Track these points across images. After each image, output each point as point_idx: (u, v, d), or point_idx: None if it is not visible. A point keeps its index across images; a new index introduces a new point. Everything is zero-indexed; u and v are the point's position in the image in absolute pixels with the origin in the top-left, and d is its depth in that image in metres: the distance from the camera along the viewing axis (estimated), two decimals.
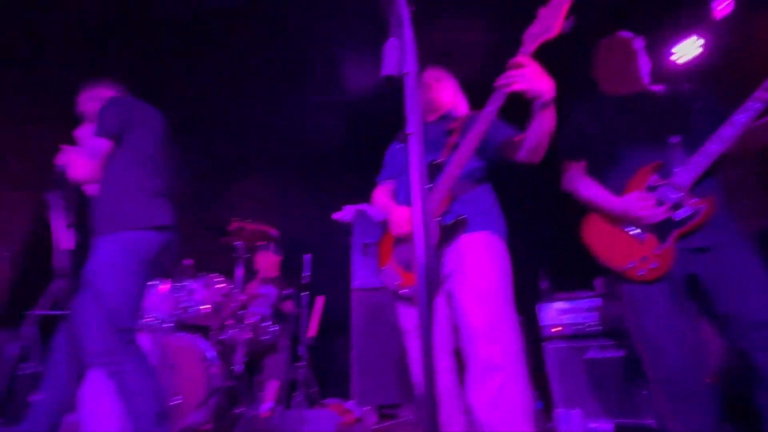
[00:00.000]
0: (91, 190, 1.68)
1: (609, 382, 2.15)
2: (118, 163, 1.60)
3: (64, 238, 1.24)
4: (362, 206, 3.34)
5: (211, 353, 2.62)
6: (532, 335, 2.48)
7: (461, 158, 1.38)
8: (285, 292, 3.32)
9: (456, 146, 1.49)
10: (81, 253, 1.43)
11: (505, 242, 1.52)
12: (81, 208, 1.55)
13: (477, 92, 1.69)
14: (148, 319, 2.50)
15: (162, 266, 1.68)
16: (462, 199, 1.50)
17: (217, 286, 2.66)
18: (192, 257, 2.71)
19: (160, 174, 1.69)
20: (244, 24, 2.82)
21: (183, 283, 2.62)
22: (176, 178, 1.77)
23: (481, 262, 1.41)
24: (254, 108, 3.61)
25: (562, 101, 1.31)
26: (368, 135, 3.70)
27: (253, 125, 3.80)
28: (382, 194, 1.76)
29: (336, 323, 3.73)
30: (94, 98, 1.77)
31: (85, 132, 1.72)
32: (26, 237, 3.14)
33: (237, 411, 2.69)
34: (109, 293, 1.46)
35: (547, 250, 3.02)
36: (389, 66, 0.66)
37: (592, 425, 2.06)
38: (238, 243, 2.70)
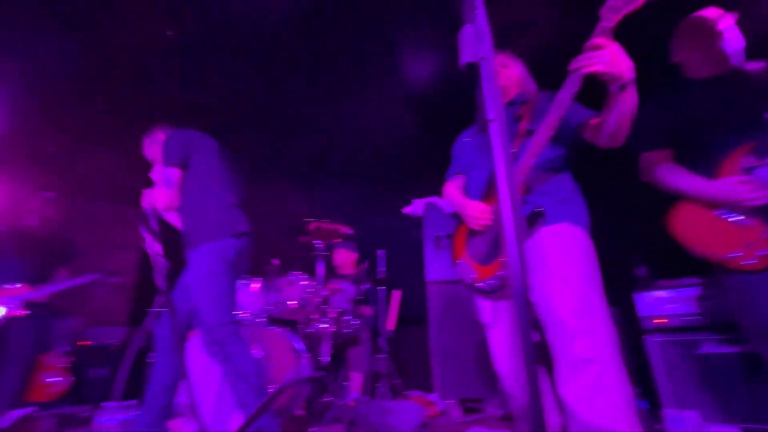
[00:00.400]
0: (171, 218, 1.94)
1: (728, 380, 1.88)
2: (192, 185, 1.85)
3: (158, 261, 1.49)
4: (431, 199, 3.31)
5: (300, 345, 2.81)
6: (630, 327, 2.26)
7: (536, 147, 1.31)
8: (362, 287, 3.45)
9: (527, 133, 1.43)
10: (174, 268, 1.67)
11: (588, 232, 1.42)
12: (167, 235, 1.80)
13: (548, 74, 1.59)
14: (243, 315, 2.77)
15: (244, 267, 1.91)
16: (538, 190, 1.43)
17: (301, 283, 2.84)
18: (278, 257, 2.93)
19: (229, 187, 1.92)
20: (313, 29, 2.94)
21: (272, 281, 2.85)
22: (240, 189, 1.99)
23: (562, 254, 1.34)
24: (324, 111, 3.76)
25: (640, 87, 1.20)
26: (434, 128, 3.67)
27: (324, 128, 3.97)
28: (453, 189, 1.73)
29: (413, 316, 3.77)
30: (154, 142, 2.06)
31: (156, 173, 2.00)
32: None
33: (326, 399, 2.87)
34: (209, 294, 1.71)
35: (646, 234, 2.73)
36: (468, 53, 0.64)
37: (714, 429, 1.82)
38: (316, 242, 2.85)
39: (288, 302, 2.78)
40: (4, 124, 4.08)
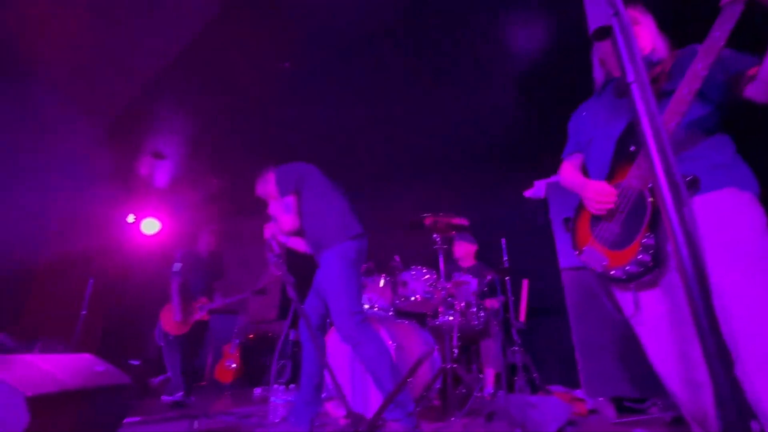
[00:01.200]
0: (293, 243, 2.28)
1: None
2: (309, 205, 2.18)
3: (287, 279, 1.77)
4: (556, 177, 3.03)
5: (430, 338, 2.89)
6: None
7: (679, 104, 1.09)
8: (486, 278, 3.36)
9: (664, 95, 1.20)
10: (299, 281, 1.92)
11: (757, 197, 1.14)
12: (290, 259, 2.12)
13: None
14: (374, 310, 2.96)
15: (363, 264, 2.20)
16: (686, 156, 1.21)
17: (425, 277, 2.91)
18: (399, 253, 3.05)
19: (339, 198, 2.23)
20: (415, 20, 2.97)
21: (396, 277, 2.98)
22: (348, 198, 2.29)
23: (728, 226, 1.11)
24: (431, 102, 3.77)
25: None
26: (546, 104, 3.36)
27: (432, 120, 3.98)
28: (570, 169, 1.56)
29: (544, 306, 3.52)
30: (266, 182, 2.37)
31: (272, 208, 2.32)
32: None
33: (461, 391, 2.88)
34: (338, 290, 2.00)
35: None
36: (596, 18, 0.57)
37: None
38: (435, 235, 2.88)
39: (413, 296, 2.88)
40: (182, 170, 5.19)
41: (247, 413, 2.76)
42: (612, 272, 1.27)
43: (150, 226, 5.42)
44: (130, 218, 5.35)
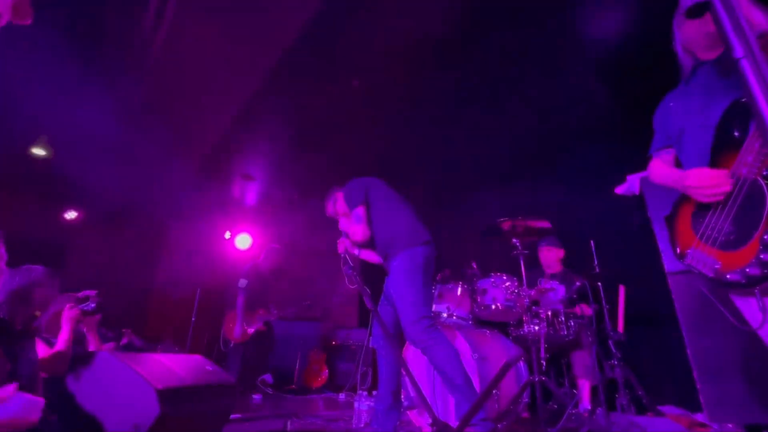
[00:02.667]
0: (365, 255, 2.36)
1: None
2: (378, 214, 2.23)
3: (363, 291, 1.89)
4: None
5: (514, 348, 2.75)
6: None
7: None
8: (574, 285, 3.11)
9: None
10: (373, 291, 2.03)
11: None
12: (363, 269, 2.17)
13: None
14: (452, 318, 2.90)
15: (436, 272, 2.21)
16: None
17: (505, 284, 2.79)
18: (478, 260, 2.97)
19: (406, 207, 2.28)
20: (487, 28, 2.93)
21: (474, 284, 2.90)
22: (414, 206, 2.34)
23: None
24: (507, 101, 3.65)
25: None
26: (631, 93, 3.05)
27: (510, 119, 3.85)
28: (661, 165, 1.40)
29: (647, 315, 3.14)
30: (334, 200, 2.48)
31: (342, 224, 2.41)
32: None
33: (552, 406, 2.68)
34: (407, 294, 2.01)
35: None
36: None
37: None
38: (515, 240, 2.76)
39: (493, 305, 2.77)
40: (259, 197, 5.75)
41: (333, 417, 2.89)
42: (728, 276, 1.11)
43: (243, 241, 6.01)
44: (227, 235, 6.00)
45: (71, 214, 5.25)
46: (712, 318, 2.23)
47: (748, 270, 1.06)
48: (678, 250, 1.27)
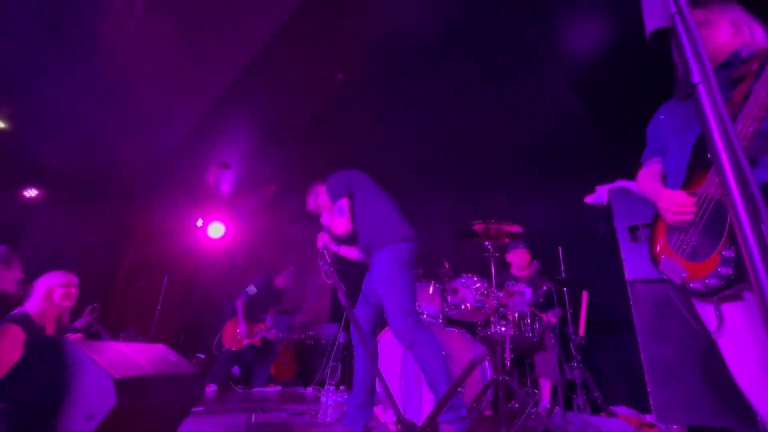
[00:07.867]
0: (344, 251, 2.31)
1: None
2: (361, 209, 2.19)
3: (339, 287, 1.83)
4: (620, 183, 2.83)
5: (480, 347, 2.81)
6: None
7: (756, 109, 1.01)
8: (541, 289, 3.21)
9: (747, 96, 1.09)
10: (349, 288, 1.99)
11: None
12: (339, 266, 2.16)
13: None
14: (422, 317, 2.94)
15: (415, 267, 2.17)
16: (765, 163, 1.10)
17: (476, 285, 2.85)
18: (450, 261, 3.01)
19: (389, 202, 2.23)
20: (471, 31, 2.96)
21: (446, 284, 2.95)
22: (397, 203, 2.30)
23: None
24: (483, 107, 3.71)
25: None
26: (607, 106, 3.16)
27: (485, 124, 3.92)
28: (646, 176, 1.47)
29: (607, 320, 3.28)
30: (316, 195, 2.45)
31: (324, 218, 2.37)
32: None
33: (513, 405, 2.77)
34: (393, 290, 1.99)
35: None
36: (653, 18, 0.55)
37: None
38: (487, 243, 2.82)
39: (463, 304, 2.83)
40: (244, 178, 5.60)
41: (299, 411, 2.88)
42: (692, 285, 1.20)
43: (216, 230, 5.86)
44: (199, 223, 5.83)
45: (31, 192, 4.97)
46: (666, 327, 2.37)
47: (707, 281, 1.14)
48: (653, 256, 1.35)
